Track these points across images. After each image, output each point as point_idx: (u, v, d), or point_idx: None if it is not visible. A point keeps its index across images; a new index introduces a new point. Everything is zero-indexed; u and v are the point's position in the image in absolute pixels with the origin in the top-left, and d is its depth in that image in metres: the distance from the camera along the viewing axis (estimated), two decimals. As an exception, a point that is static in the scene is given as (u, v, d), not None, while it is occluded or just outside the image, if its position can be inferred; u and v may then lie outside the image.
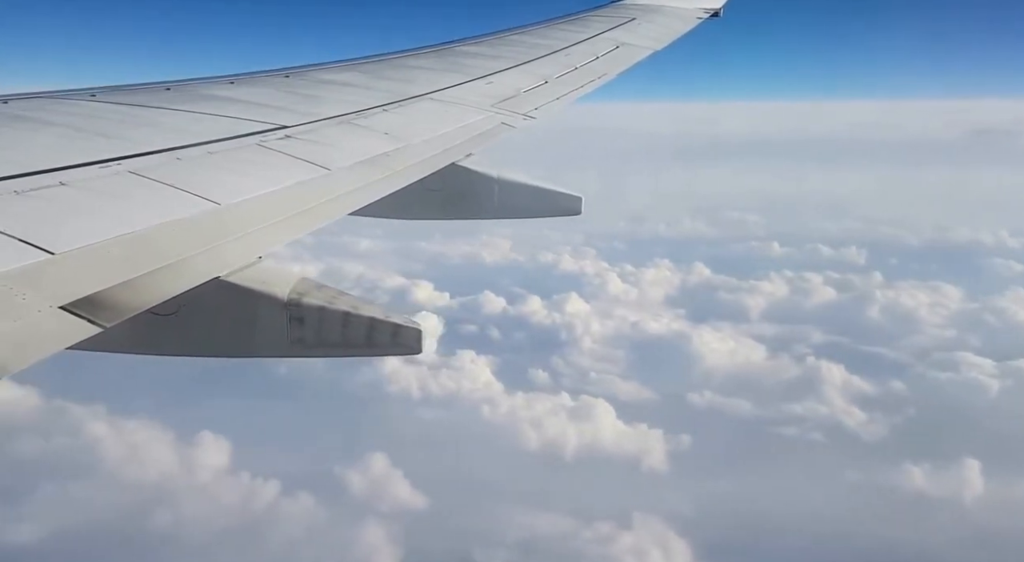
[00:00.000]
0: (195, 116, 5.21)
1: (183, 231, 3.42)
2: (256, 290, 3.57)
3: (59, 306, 2.58)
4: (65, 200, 3.36)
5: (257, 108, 5.62)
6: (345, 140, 5.32)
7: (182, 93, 5.87)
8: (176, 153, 4.28)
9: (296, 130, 5.21)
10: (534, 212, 6.75)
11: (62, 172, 3.62)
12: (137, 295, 2.84)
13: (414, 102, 6.68)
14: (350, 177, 4.68)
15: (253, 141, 4.81)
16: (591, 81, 8.62)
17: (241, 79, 6.60)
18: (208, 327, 3.69)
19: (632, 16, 11.87)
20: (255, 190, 4.08)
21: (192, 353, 3.88)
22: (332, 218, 4.23)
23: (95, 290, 2.72)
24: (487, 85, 7.71)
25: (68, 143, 4.17)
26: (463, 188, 6.21)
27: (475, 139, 6.21)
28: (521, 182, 6.55)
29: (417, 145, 5.60)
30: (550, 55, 9.35)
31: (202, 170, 4.15)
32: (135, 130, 4.64)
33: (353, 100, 6.33)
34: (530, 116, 7.10)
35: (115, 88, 5.84)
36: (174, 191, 3.76)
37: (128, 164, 3.93)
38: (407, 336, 3.81)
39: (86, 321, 2.57)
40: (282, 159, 4.64)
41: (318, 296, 3.73)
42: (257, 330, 3.72)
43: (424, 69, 8.05)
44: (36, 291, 2.60)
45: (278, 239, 3.79)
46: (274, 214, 3.92)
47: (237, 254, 3.53)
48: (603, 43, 10.24)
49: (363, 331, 3.75)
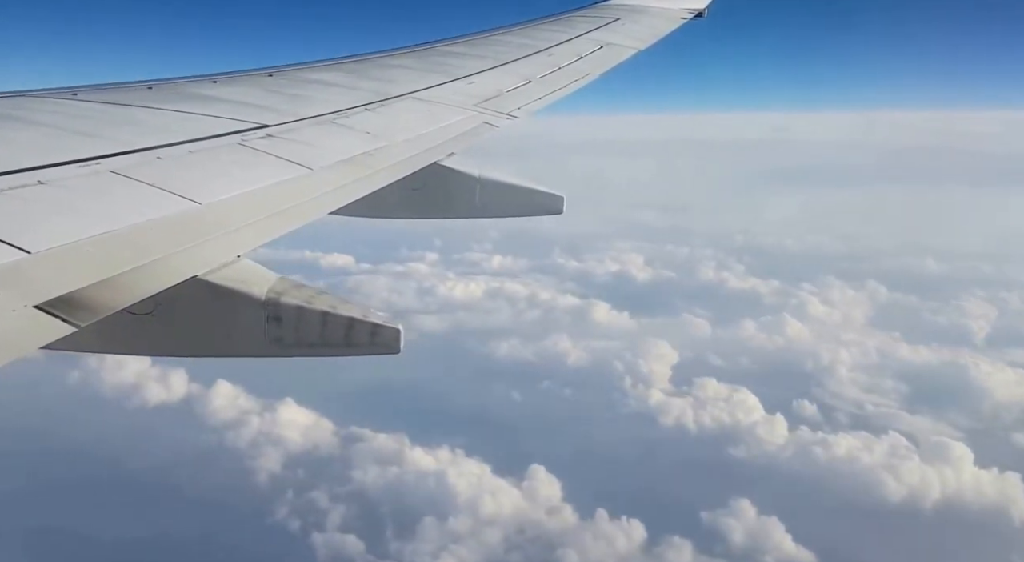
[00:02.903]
0: (177, 115, 5.20)
1: (162, 230, 3.42)
2: (233, 289, 3.57)
3: (34, 305, 2.58)
4: (43, 199, 3.36)
5: (239, 107, 5.62)
6: (327, 139, 5.33)
7: (164, 92, 5.86)
8: (157, 152, 4.27)
9: (278, 129, 5.21)
10: (516, 211, 6.77)
11: (41, 171, 3.61)
12: (113, 294, 2.85)
13: (396, 102, 6.69)
14: (331, 176, 4.69)
15: (234, 140, 4.81)
16: (575, 81, 8.64)
17: (223, 78, 6.59)
18: (184, 326, 3.69)
19: (616, 16, 11.90)
20: (236, 189, 4.09)
21: (168, 353, 3.88)
22: (313, 217, 4.23)
23: (71, 289, 2.73)
24: (469, 85, 7.72)
25: (48, 142, 4.16)
26: (445, 187, 6.22)
27: (457, 139, 6.23)
28: (503, 181, 6.57)
29: (399, 144, 5.61)
30: (533, 55, 9.36)
31: (183, 169, 4.15)
32: (116, 129, 4.62)
33: (335, 100, 6.33)
34: (513, 116, 7.12)
35: (96, 87, 5.82)
36: (154, 190, 3.76)
37: (108, 163, 3.93)
38: (386, 336, 3.81)
39: (61, 320, 2.58)
40: (263, 158, 4.65)
41: (296, 295, 3.73)
42: (234, 329, 3.73)
43: (406, 69, 8.06)
44: (11, 290, 2.60)
45: (258, 238, 3.80)
46: (255, 213, 3.92)
47: (216, 253, 3.53)
48: (587, 43, 10.26)
49: (342, 331, 3.75)
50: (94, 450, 56.10)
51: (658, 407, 64.68)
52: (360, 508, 51.70)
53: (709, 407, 64.02)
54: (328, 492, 53.06)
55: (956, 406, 64.60)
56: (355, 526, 49.87)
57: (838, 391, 68.19)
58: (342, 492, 53.28)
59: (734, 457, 58.53)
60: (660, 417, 63.35)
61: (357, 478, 54.81)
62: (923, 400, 65.87)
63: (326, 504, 52.02)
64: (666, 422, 62.80)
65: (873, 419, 63.30)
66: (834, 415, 64.03)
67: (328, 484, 53.95)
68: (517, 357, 75.91)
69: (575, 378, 70.60)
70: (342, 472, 55.58)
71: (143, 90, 5.85)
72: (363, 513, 51.23)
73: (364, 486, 54.01)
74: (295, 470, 56.02)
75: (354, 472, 55.38)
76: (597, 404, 66.29)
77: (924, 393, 66.55)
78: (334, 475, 55.19)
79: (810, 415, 63.72)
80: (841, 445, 58.23)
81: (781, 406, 63.54)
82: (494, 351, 77.23)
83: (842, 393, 67.89)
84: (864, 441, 58.63)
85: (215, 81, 6.41)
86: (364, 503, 52.24)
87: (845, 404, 66.16)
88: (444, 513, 50.66)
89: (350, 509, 51.55)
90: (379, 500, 52.64)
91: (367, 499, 52.71)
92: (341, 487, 53.76)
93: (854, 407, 65.79)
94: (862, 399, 67.05)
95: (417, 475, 54.83)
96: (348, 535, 49.06)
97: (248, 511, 51.24)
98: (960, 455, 55.59)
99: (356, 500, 52.58)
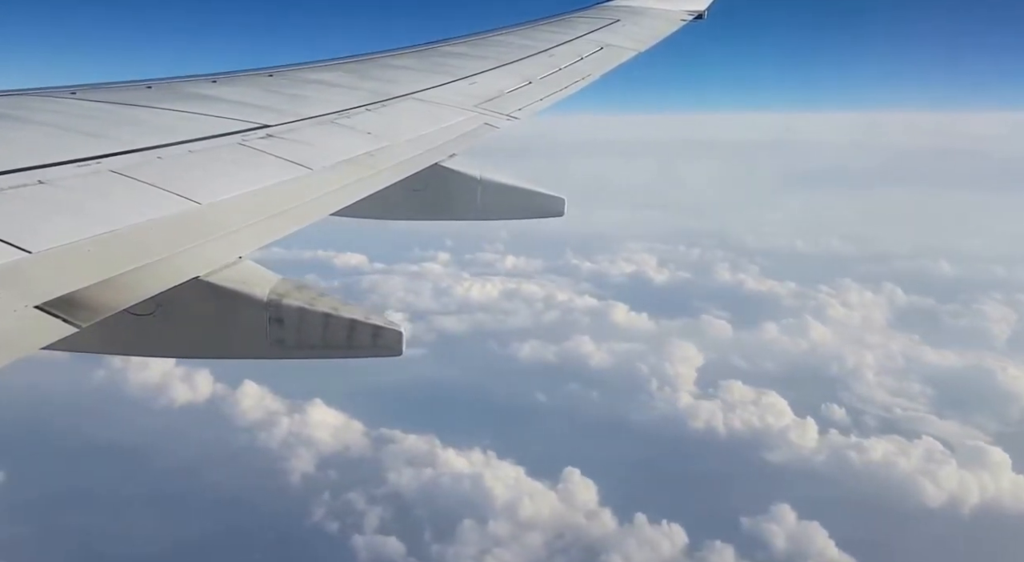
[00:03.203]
0: (177, 115, 5.18)
1: (162, 230, 3.40)
2: (235, 290, 3.55)
3: (35, 305, 2.56)
4: (43, 199, 3.34)
5: (239, 107, 5.60)
6: (327, 140, 5.31)
7: (164, 91, 5.84)
8: (157, 152, 4.25)
9: (278, 129, 5.19)
10: (517, 213, 6.76)
11: (41, 170, 3.59)
12: (114, 295, 2.83)
13: (397, 102, 6.68)
14: (332, 177, 4.67)
15: (235, 140, 4.79)
16: (575, 82, 8.63)
17: (224, 78, 6.57)
18: (185, 327, 3.67)
19: (616, 18, 11.90)
20: (236, 189, 4.07)
21: (169, 354, 3.86)
22: (314, 218, 4.22)
23: (71, 290, 2.71)
24: (470, 85, 7.71)
25: (48, 141, 4.14)
26: (446, 188, 6.20)
27: (458, 139, 6.21)
28: (504, 183, 6.55)
29: (400, 145, 5.59)
30: (534, 56, 9.35)
31: (183, 169, 4.13)
32: (116, 128, 4.60)
33: (336, 100, 6.32)
34: (513, 117, 7.11)
35: (96, 86, 5.80)
36: (155, 190, 3.74)
37: (108, 163, 3.91)
38: (388, 338, 3.80)
39: (61, 321, 2.56)
40: (264, 158, 4.63)
41: (298, 297, 3.72)
42: (236, 330, 3.71)
43: (407, 69, 8.04)
44: (11, 290, 2.58)
45: (259, 239, 3.78)
46: (255, 214, 3.90)
47: (217, 254, 3.51)
48: (587, 44, 10.25)
49: (343, 332, 3.74)
50: (122, 449, 56.28)
51: (687, 410, 64.52)
52: (397, 510, 51.75)
53: (738, 410, 63.85)
54: (364, 494, 53.06)
55: (985, 410, 64.25)
56: (393, 528, 49.89)
57: (866, 395, 67.91)
58: (378, 494, 53.28)
59: (768, 461, 58.32)
60: (690, 420, 63.20)
61: (392, 480, 54.83)
62: (951, 404, 65.46)
63: (363, 506, 52.06)
64: (696, 425, 62.62)
65: (903, 423, 62.97)
66: (863, 419, 63.76)
67: (363, 486, 53.94)
68: (540, 358, 75.79)
69: (601, 380, 70.49)
70: (376, 473, 55.61)
71: (143, 89, 5.83)
72: (400, 515, 51.25)
73: (399, 488, 54.05)
74: (327, 471, 56.10)
75: (389, 474, 55.43)
76: (625, 406, 66.21)
77: (951, 397, 66.18)
78: (368, 476, 55.19)
79: (839, 419, 63.48)
80: (876, 450, 58.10)
81: (809, 409, 63.38)
82: (516, 352, 77.02)
83: (870, 397, 67.59)
84: (898, 446, 58.49)
85: (215, 81, 6.39)
86: (400, 505, 52.25)
87: (873, 408, 65.88)
88: (482, 516, 50.57)
89: (387, 511, 51.60)
90: (415, 502, 52.62)
91: (403, 501, 52.74)
92: (376, 489, 53.79)
93: (883, 411, 65.47)
94: (890, 403, 66.63)
95: (452, 477, 54.77)
96: (388, 537, 49.05)
97: (284, 512, 51.31)
98: (999, 460, 55.49)
99: (392, 502, 52.61)
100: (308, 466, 56.67)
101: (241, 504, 51.25)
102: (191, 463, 55.31)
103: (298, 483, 55.09)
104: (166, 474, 53.90)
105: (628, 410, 65.56)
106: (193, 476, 53.76)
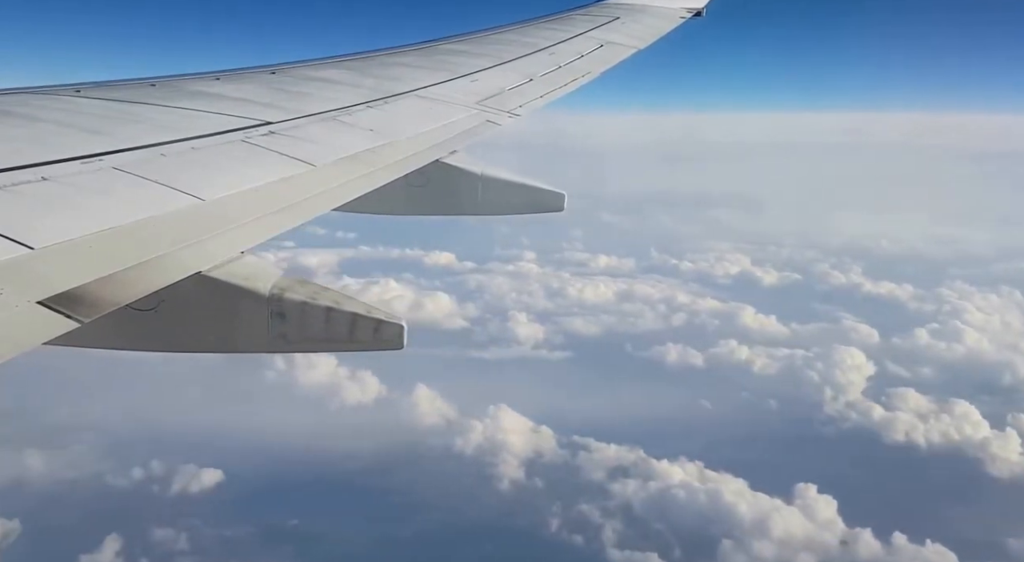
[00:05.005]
0: (180, 112, 5.20)
1: (165, 226, 3.43)
2: (237, 285, 3.56)
3: (37, 301, 2.58)
4: (47, 195, 3.36)
5: (242, 104, 5.62)
6: (329, 136, 5.33)
7: (167, 89, 5.86)
8: (160, 149, 4.28)
9: (281, 126, 5.21)
10: (518, 209, 6.77)
11: (44, 167, 3.62)
12: (116, 290, 2.85)
13: (399, 99, 6.69)
14: (334, 173, 4.69)
15: (238, 137, 4.81)
16: (575, 79, 8.65)
17: (226, 75, 6.59)
18: (188, 322, 3.69)
19: (616, 15, 11.91)
20: (239, 186, 4.09)
21: (172, 349, 3.88)
22: (316, 214, 4.24)
23: (74, 285, 2.73)
24: (472, 83, 7.73)
25: (52, 138, 4.16)
26: (447, 185, 6.22)
27: (459, 136, 6.24)
28: (505, 179, 6.57)
29: (401, 142, 5.61)
30: (535, 53, 9.37)
31: (186, 166, 4.15)
32: (119, 126, 4.62)
33: (338, 97, 6.33)
34: (515, 114, 7.12)
35: (100, 84, 5.83)
36: (158, 187, 3.76)
37: (111, 160, 3.93)
38: (389, 331, 3.80)
39: (64, 316, 2.57)
40: (266, 155, 4.65)
41: (300, 291, 3.73)
42: (238, 325, 3.72)
43: (409, 66, 8.06)
44: (15, 286, 2.60)
45: (261, 235, 3.80)
46: (258, 210, 3.92)
47: (220, 250, 3.53)
48: (587, 42, 10.27)
49: (345, 327, 3.74)
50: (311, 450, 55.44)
51: (882, 422, 61.51)
52: (630, 522, 49.87)
53: (931, 421, 60.89)
54: (597, 506, 51.13)
55: None
56: (636, 543, 47.76)
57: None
58: (610, 506, 51.37)
59: (993, 476, 55.39)
60: (884, 432, 60.43)
61: (617, 491, 52.76)
62: None
63: (598, 519, 50.14)
64: (896, 437, 59.86)
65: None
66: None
67: (584, 495, 52.25)
68: (688, 363, 73.03)
69: (771, 388, 67.58)
70: (589, 483, 53.74)
71: (146, 87, 5.85)
72: (639, 529, 49.32)
73: (627, 499, 51.94)
74: (534, 479, 54.46)
75: (613, 485, 53.33)
76: (809, 416, 63.41)
77: None
78: (582, 486, 53.44)
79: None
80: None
81: (997, 419, 60.38)
82: (661, 357, 74.25)
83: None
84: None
85: (218, 78, 6.41)
86: (632, 517, 50.33)
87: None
88: (728, 532, 48.27)
89: (623, 524, 49.75)
90: (649, 516, 50.48)
91: (635, 513, 50.71)
92: (606, 501, 51.83)
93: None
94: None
95: (686, 490, 52.24)
96: (649, 554, 46.88)
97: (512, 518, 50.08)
98: None
99: (624, 514, 50.69)
100: (517, 472, 54.94)
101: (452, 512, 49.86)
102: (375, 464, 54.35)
103: (508, 490, 53.44)
104: (352, 476, 52.98)
105: (814, 420, 62.66)
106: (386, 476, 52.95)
